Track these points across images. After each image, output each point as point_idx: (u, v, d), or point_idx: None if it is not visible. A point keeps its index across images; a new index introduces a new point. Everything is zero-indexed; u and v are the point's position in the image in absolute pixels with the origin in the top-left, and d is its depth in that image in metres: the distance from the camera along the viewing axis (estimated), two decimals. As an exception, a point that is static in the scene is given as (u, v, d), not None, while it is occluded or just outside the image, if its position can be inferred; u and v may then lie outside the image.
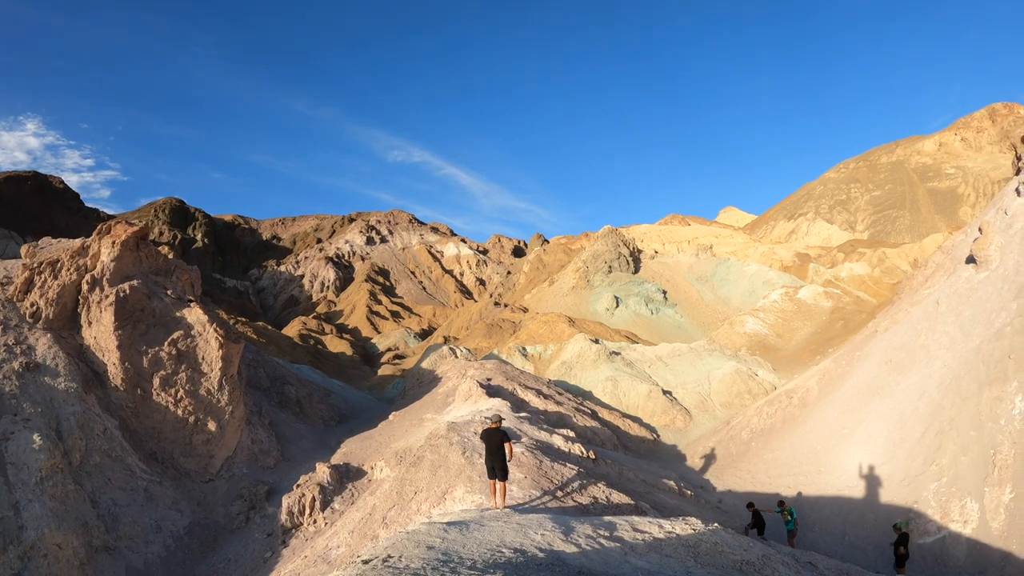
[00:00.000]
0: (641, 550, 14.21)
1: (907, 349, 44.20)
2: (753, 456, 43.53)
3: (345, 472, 35.06)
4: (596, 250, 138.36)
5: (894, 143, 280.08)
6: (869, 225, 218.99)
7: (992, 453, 30.51)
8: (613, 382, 64.41)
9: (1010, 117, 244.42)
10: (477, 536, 13.04)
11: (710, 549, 15.11)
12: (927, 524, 29.17)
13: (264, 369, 52.22)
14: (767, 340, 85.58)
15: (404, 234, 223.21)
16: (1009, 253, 46.33)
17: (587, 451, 32.25)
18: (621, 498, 24.08)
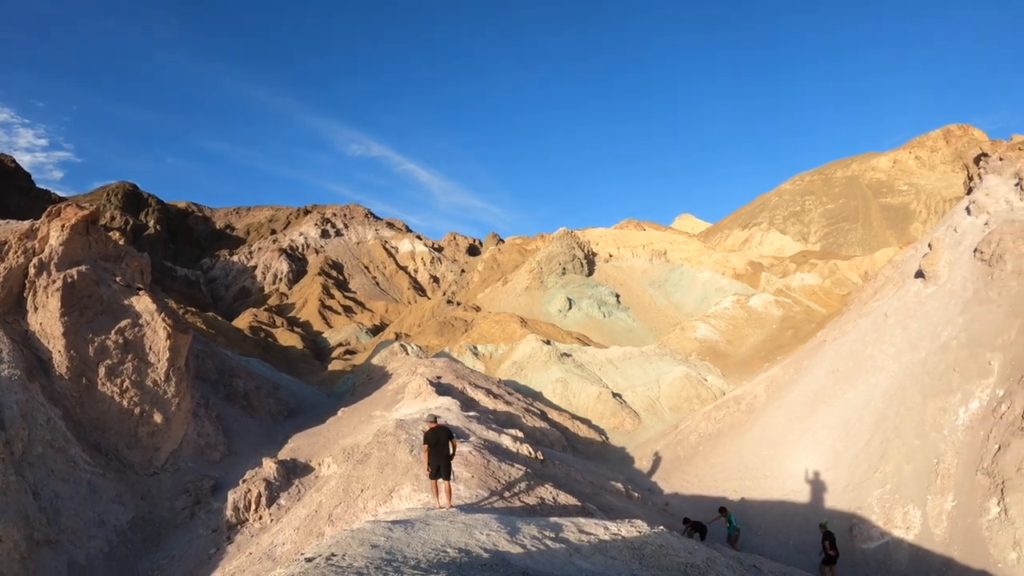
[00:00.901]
0: (586, 551, 14.32)
1: (854, 359, 45.57)
2: (700, 460, 44.38)
3: (292, 468, 34.78)
4: (551, 251, 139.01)
5: (849, 158, 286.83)
6: (822, 237, 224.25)
7: (935, 462, 31.85)
8: (563, 383, 64.96)
9: (964, 138, 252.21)
10: (422, 535, 13.08)
11: (655, 551, 15.32)
12: (870, 530, 30.25)
13: (212, 361, 51.48)
14: (717, 346, 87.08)
15: (359, 228, 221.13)
16: (957, 269, 48.06)
17: (535, 452, 32.52)
18: (568, 499, 24.31)
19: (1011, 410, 31.31)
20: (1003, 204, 54.17)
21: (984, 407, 33.40)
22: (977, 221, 53.60)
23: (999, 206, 54.04)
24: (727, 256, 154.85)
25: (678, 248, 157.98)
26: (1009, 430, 30.29)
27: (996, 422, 31.55)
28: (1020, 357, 34.54)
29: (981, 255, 46.22)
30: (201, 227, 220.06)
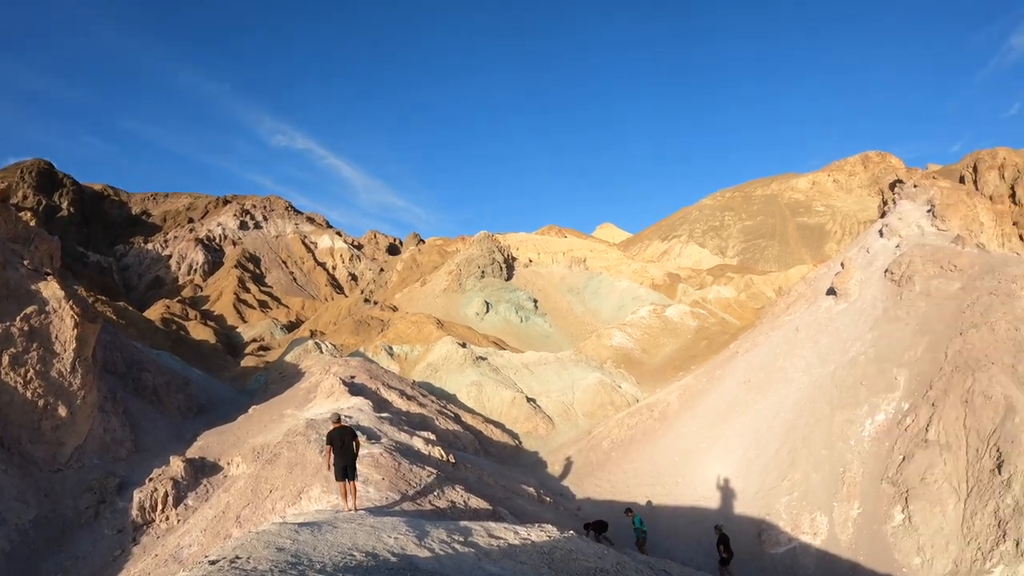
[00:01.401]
0: (495, 556, 14.40)
1: (766, 371, 47.10)
2: (613, 466, 45.02)
3: (200, 467, 33.75)
4: (471, 254, 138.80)
5: (770, 177, 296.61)
6: (739, 252, 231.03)
7: (842, 471, 33.33)
8: (478, 387, 65.05)
9: (882, 165, 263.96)
10: (329, 538, 12.98)
11: (565, 556, 15.47)
12: (779, 535, 31.36)
13: (121, 353, 49.55)
14: (633, 354, 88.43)
15: (279, 221, 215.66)
16: (868, 288, 50.23)
17: (447, 454, 32.50)
18: (479, 503, 24.42)
19: (915, 423, 33.03)
20: (915, 228, 56.86)
21: (890, 420, 35.12)
22: (889, 243, 56.12)
23: (911, 230, 56.70)
24: (646, 266, 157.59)
25: (598, 256, 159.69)
26: (913, 442, 31.96)
27: (901, 434, 33.23)
28: (925, 373, 36.40)
29: (891, 276, 48.38)
30: (116, 212, 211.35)
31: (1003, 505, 26.25)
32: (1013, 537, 24.99)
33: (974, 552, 25.92)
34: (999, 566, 24.72)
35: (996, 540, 25.51)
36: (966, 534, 26.91)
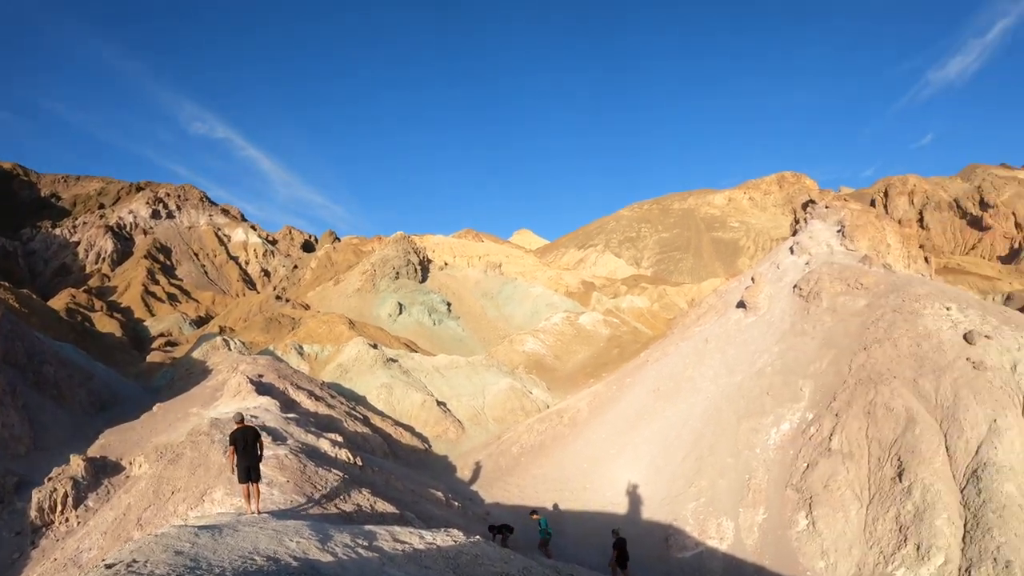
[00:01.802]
0: (400, 561, 14.30)
1: (675, 380, 48.06)
2: (522, 471, 45.12)
3: (102, 466, 32.45)
4: (386, 254, 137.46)
5: (687, 192, 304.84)
6: (654, 263, 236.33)
7: (747, 478, 34.29)
8: (388, 389, 64.36)
9: (796, 185, 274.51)
10: (230, 542, 12.60)
11: (470, 561, 15.50)
12: (686, 540, 32.02)
13: (22, 343, 47.16)
14: (545, 360, 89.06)
15: (193, 212, 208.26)
16: (777, 302, 51.82)
17: (354, 457, 32.06)
18: (386, 507, 24.29)
19: (819, 432, 34.30)
20: (824, 247, 59.00)
21: (794, 429, 36.39)
22: (799, 260, 58.04)
23: (820, 249, 58.80)
24: (561, 274, 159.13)
25: (514, 262, 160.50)
26: (817, 450, 33.19)
27: (805, 443, 34.45)
28: (830, 385, 37.86)
29: (800, 291, 50.04)
30: (25, 193, 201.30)
31: (904, 511, 27.57)
32: (914, 542, 26.24)
33: (876, 556, 27.10)
34: (901, 569, 25.93)
35: (898, 544, 26.79)
36: (868, 539, 28.13)
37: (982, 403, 30.65)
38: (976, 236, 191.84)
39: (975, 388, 31.62)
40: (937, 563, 25.36)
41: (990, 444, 28.61)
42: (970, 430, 29.68)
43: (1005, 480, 26.78)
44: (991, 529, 25.24)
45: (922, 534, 26.24)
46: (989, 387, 31.51)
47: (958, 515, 26.89)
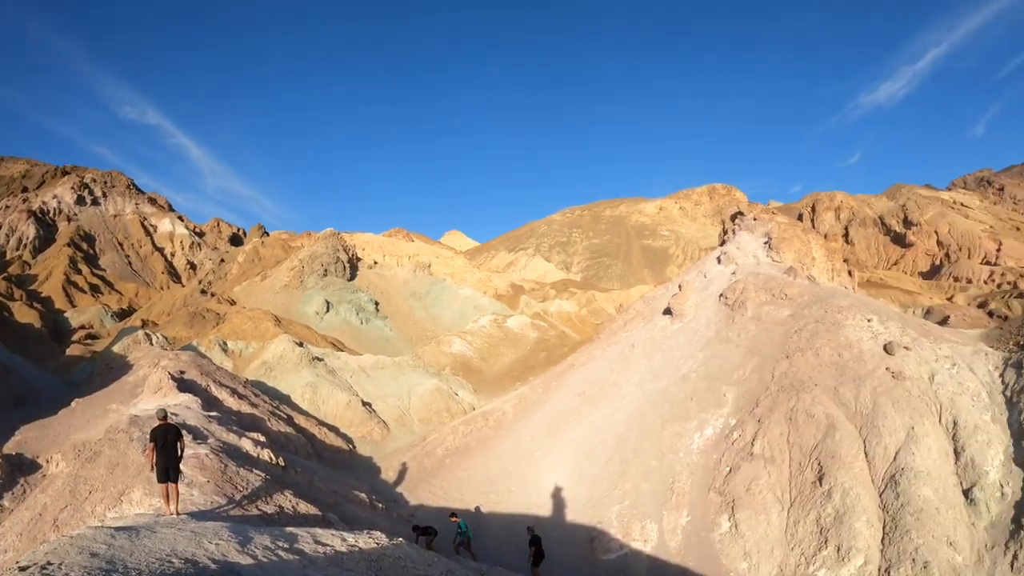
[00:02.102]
0: (321, 563, 14.16)
1: (600, 384, 48.45)
2: (447, 473, 44.86)
3: (18, 464, 31.10)
4: (315, 251, 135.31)
5: (619, 199, 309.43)
6: (584, 269, 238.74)
7: (671, 481, 34.74)
8: (313, 388, 63.29)
9: (727, 197, 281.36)
10: (147, 544, 12.29)
11: (393, 564, 15.45)
12: (610, 542, 32.26)
13: None
14: (471, 362, 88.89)
15: (119, 199, 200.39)
16: (703, 310, 52.69)
17: (277, 458, 31.39)
18: (308, 508, 23.92)
19: (742, 437, 34.98)
20: (751, 258, 60.26)
21: (718, 434, 37.06)
22: (726, 270, 59.19)
23: (747, 259, 60.05)
24: (490, 276, 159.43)
25: (443, 263, 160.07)
26: (740, 455, 33.85)
27: (728, 447, 35.10)
28: (753, 392, 38.65)
29: (726, 300, 50.98)
30: None
31: (824, 514, 28.45)
32: (834, 543, 27.11)
33: (798, 557, 27.85)
34: (822, 570, 26.72)
35: (818, 546, 27.61)
36: (790, 540, 28.87)
37: (900, 411, 31.82)
38: (899, 252, 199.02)
39: (894, 397, 32.77)
40: (857, 564, 26.27)
41: (908, 450, 29.76)
42: (888, 437, 30.82)
43: (922, 484, 27.93)
44: (909, 531, 26.29)
45: (842, 536, 27.12)
46: (907, 396, 32.73)
47: (877, 518, 27.90)
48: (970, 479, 28.63)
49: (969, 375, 34.21)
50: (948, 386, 33.42)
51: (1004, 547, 25.83)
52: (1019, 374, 32.76)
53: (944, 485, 28.44)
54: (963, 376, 34.11)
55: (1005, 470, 28.59)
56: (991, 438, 29.98)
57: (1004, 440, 29.98)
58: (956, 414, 31.62)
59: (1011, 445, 29.68)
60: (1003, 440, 29.98)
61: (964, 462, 29.43)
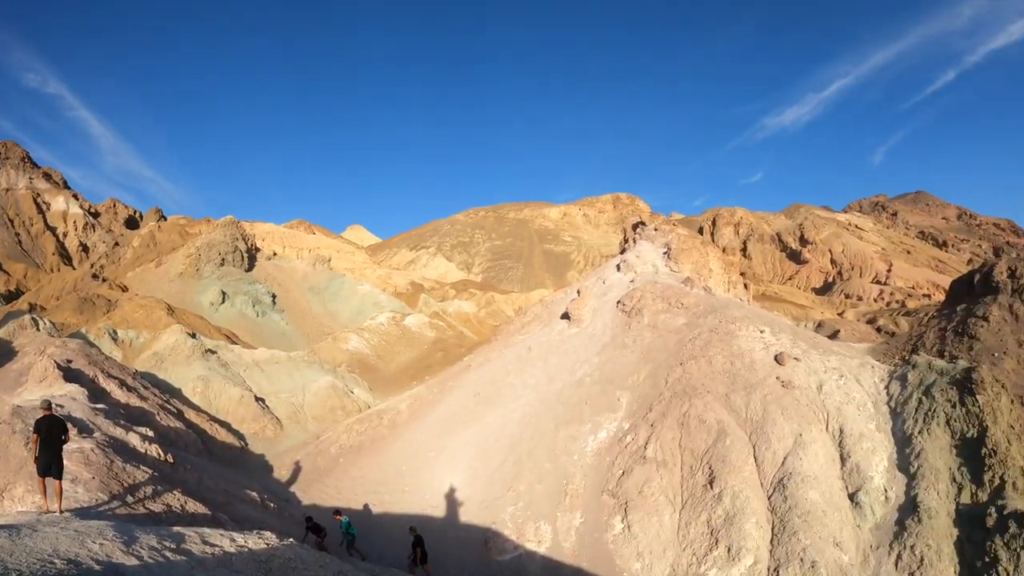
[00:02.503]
0: (209, 565, 13.77)
1: (496, 385, 48.52)
2: (340, 472, 44.05)
3: None
4: (212, 239, 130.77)
5: (524, 203, 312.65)
6: (485, 270, 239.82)
7: (565, 483, 34.99)
8: (205, 382, 61.11)
9: (631, 207, 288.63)
10: (28, 543, 11.69)
11: (283, 565, 15.20)
12: (505, 543, 32.27)
13: None
14: (368, 360, 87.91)
15: (12, 172, 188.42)
16: (600, 316, 53.39)
17: (165, 454, 30.13)
18: (197, 507, 23.37)
19: (635, 441, 35.54)
20: (650, 267, 61.39)
21: (611, 437, 37.53)
22: (624, 277, 60.13)
23: (646, 268, 61.14)
24: (391, 273, 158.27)
25: (344, 257, 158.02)
26: (632, 458, 34.36)
27: (621, 451, 35.59)
28: (646, 397, 39.31)
29: (623, 307, 51.75)
30: None
31: (715, 516, 29.21)
32: (725, 544, 27.87)
33: (690, 557, 28.48)
34: (713, 569, 27.39)
35: (710, 546, 28.32)
36: (682, 541, 29.50)
37: (789, 419, 32.99)
38: (794, 268, 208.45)
39: (783, 405, 33.93)
40: (747, 564, 27.08)
41: (796, 456, 30.90)
42: (777, 443, 31.92)
43: (809, 488, 29.06)
44: (797, 532, 27.29)
45: (732, 537, 27.89)
46: (796, 404, 33.96)
47: (766, 520, 28.86)
48: (855, 484, 30.10)
49: (856, 386, 35.89)
50: (835, 396, 34.96)
51: (888, 547, 27.29)
52: (903, 386, 34.60)
53: (830, 489, 29.71)
54: (850, 387, 35.74)
55: (889, 476, 30.17)
56: (876, 445, 31.59)
57: (888, 448, 31.64)
58: (843, 422, 33.14)
59: (895, 452, 31.36)
60: (887, 448, 31.63)
61: (850, 468, 30.90)
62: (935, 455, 30.07)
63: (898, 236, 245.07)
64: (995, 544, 25.21)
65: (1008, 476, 27.88)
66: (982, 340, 45.69)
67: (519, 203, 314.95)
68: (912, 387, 34.06)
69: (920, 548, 26.37)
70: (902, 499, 28.99)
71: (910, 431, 31.60)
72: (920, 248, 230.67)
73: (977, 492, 28.21)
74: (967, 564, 25.88)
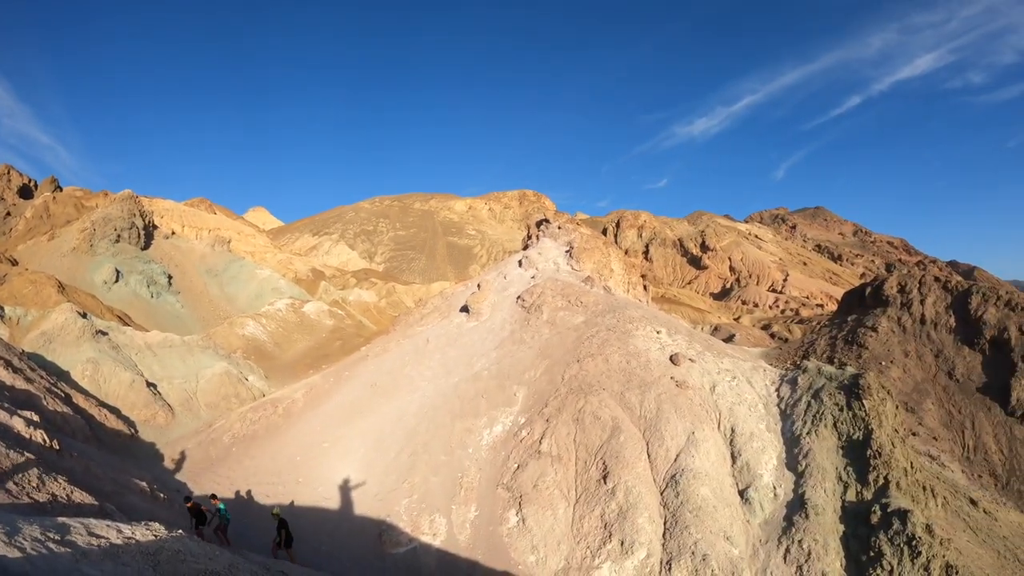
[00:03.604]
0: (95, 557, 13.41)
1: (393, 376, 48.18)
2: (234, 462, 42.87)
3: None
4: (109, 213, 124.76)
5: (431, 194, 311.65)
6: (387, 260, 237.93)
7: (460, 476, 35.01)
8: (95, 365, 58.23)
9: (537, 204, 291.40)
10: None
11: (172, 557, 14.94)
12: (399, 536, 31.99)
13: None
14: (265, 347, 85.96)
15: None
16: (499, 311, 53.61)
17: (51, 440, 28.73)
18: (84, 497, 22.42)
19: (530, 435, 35.82)
20: (552, 264, 61.97)
21: (507, 431, 37.76)
22: (526, 273, 60.53)
23: (548, 265, 61.71)
24: (292, 258, 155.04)
25: (245, 240, 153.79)
26: (528, 452, 34.63)
27: (517, 445, 35.81)
28: (542, 392, 39.68)
29: (523, 302, 52.09)
30: None
31: (608, 510, 29.74)
32: (618, 537, 28.42)
33: (584, 551, 28.87)
34: (607, 563, 27.86)
35: (603, 540, 28.80)
36: (576, 535, 29.90)
37: (682, 417, 33.91)
38: (694, 273, 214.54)
39: (677, 404, 34.83)
40: (640, 557, 27.70)
41: (688, 453, 31.78)
42: (670, 440, 32.78)
43: (701, 484, 29.97)
44: (688, 527, 28.11)
45: (625, 531, 28.51)
46: (689, 404, 34.95)
47: (658, 514, 29.64)
48: (745, 481, 31.33)
49: (748, 388, 37.23)
50: (728, 396, 36.17)
51: (777, 542, 28.54)
52: (793, 389, 36.12)
53: (721, 486, 30.78)
54: (742, 388, 37.04)
55: (778, 474, 31.52)
56: (766, 445, 32.90)
57: (778, 447, 33.00)
58: (734, 422, 34.31)
59: (784, 452, 32.74)
60: (777, 447, 32.98)
61: (740, 465, 32.09)
62: (822, 455, 31.56)
63: (796, 248, 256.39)
64: (879, 540, 26.80)
65: (892, 476, 29.65)
66: (870, 349, 48.01)
67: (426, 194, 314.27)
68: (802, 390, 35.60)
69: (807, 543, 27.71)
70: (790, 496, 30.39)
71: (799, 432, 33.09)
72: (816, 260, 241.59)
73: (862, 491, 29.86)
74: (853, 558, 27.36)
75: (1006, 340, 58.01)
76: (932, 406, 58.59)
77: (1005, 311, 60.20)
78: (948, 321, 62.59)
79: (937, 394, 60.10)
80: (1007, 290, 64.02)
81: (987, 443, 54.53)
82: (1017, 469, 53.06)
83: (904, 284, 45.66)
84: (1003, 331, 58.70)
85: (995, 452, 54.02)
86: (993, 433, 55.21)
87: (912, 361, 61.08)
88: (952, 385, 59.62)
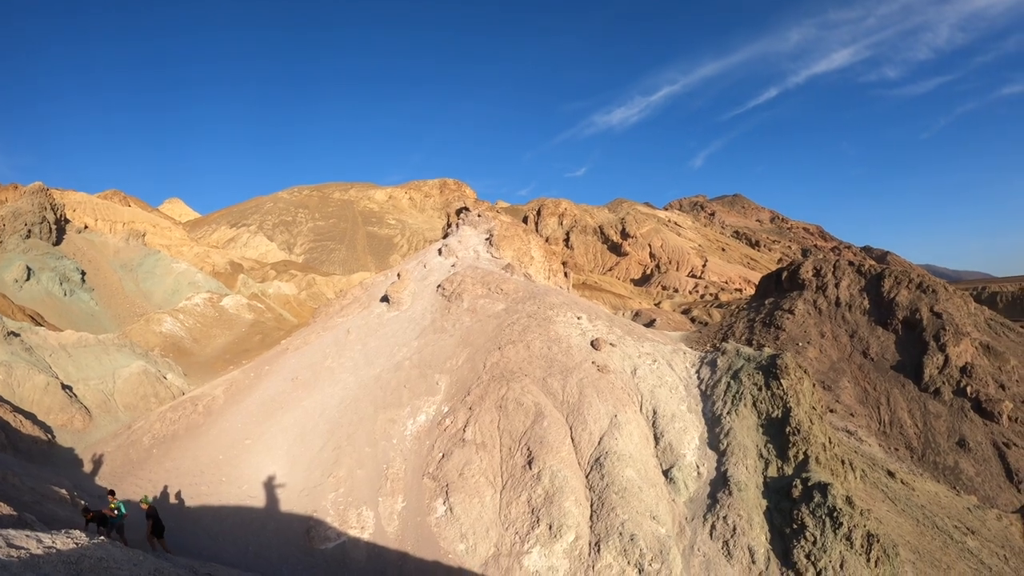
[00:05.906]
0: (15, 569, 13.02)
1: (314, 369, 47.40)
2: (155, 464, 41.50)
3: None
4: (19, 208, 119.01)
5: (350, 183, 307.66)
6: (307, 251, 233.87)
7: (386, 467, 34.64)
8: (7, 368, 55.37)
9: (457, 192, 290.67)
10: None
11: (94, 566, 14.54)
12: (327, 531, 31.50)
13: None
14: (183, 343, 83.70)
15: None
16: (420, 300, 53.30)
17: (-35, 450, 27.55)
18: (2, 508, 21.81)
19: (454, 424, 35.71)
20: (472, 252, 61.84)
21: (430, 420, 37.51)
22: (446, 262, 60.28)
23: (467, 253, 61.55)
24: (209, 251, 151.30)
25: (160, 233, 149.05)
26: (452, 441, 34.52)
27: (441, 434, 35.64)
28: (465, 380, 39.56)
29: (443, 291, 51.89)
30: None
31: (535, 495, 29.95)
32: (546, 522, 28.60)
33: (513, 536, 28.99)
34: (536, 547, 28.02)
35: (531, 525, 28.96)
36: (504, 521, 29.96)
37: (605, 401, 34.30)
38: (615, 260, 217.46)
39: (599, 388, 35.19)
40: (569, 540, 27.97)
41: (611, 436, 32.17)
42: (593, 424, 33.11)
43: (625, 466, 30.41)
44: (615, 508, 28.47)
45: (553, 515, 28.72)
46: (611, 387, 35.35)
47: (585, 497, 29.92)
48: (669, 461, 32.00)
49: (668, 370, 37.93)
50: (649, 379, 36.79)
51: (703, 519, 29.22)
52: (713, 371, 36.97)
53: (645, 466, 31.32)
54: (663, 371, 37.70)
55: (701, 453, 32.24)
56: (687, 425, 33.63)
57: (699, 427, 33.76)
58: (656, 404, 34.92)
59: (706, 431, 33.52)
60: (698, 427, 33.74)
61: (663, 446, 32.74)
62: (743, 433, 32.40)
63: (714, 234, 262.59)
64: (802, 513, 27.65)
65: (811, 452, 30.70)
66: (787, 330, 49.45)
67: (345, 183, 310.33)
68: (721, 372, 36.46)
69: (732, 518, 28.47)
70: (714, 474, 31.14)
71: (720, 412, 33.92)
72: (734, 246, 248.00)
73: (783, 466, 30.83)
74: (777, 531, 28.19)
75: (918, 320, 60.63)
76: (848, 384, 61.12)
77: (917, 293, 62.98)
78: (862, 303, 65.14)
79: (853, 372, 62.65)
80: (918, 273, 67.06)
81: (902, 418, 57.11)
82: (932, 442, 55.73)
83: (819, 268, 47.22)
84: (915, 312, 61.33)
85: (910, 426, 56.62)
86: (908, 408, 57.86)
87: (828, 341, 63.39)
88: (867, 364, 62.19)
